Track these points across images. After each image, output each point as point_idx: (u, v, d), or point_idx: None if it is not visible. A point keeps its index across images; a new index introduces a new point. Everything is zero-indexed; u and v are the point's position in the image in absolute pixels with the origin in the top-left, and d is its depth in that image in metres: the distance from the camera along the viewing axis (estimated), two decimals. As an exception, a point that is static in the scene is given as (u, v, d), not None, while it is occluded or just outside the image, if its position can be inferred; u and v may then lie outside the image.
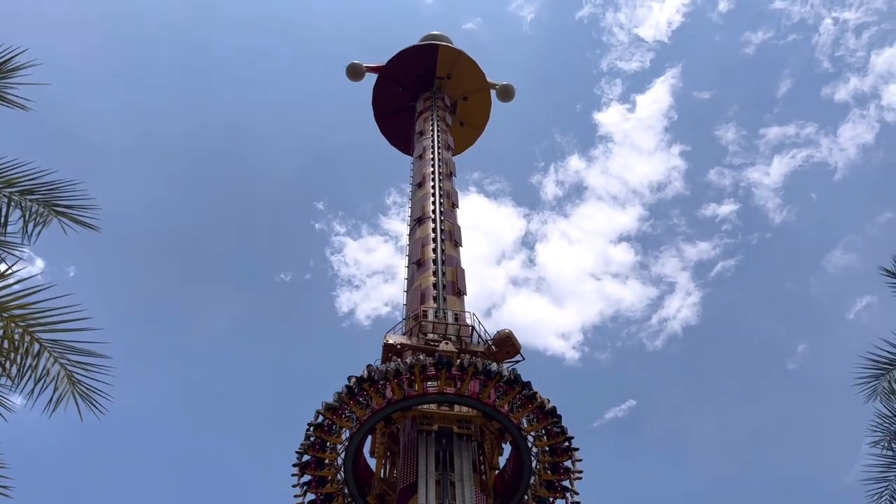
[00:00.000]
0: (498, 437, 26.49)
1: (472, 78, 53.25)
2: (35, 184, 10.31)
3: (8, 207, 10.12)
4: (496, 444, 26.66)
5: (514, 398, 25.64)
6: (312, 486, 25.72)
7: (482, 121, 54.84)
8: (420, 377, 25.15)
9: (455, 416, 25.85)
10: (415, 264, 36.55)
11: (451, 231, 38.43)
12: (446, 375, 25.19)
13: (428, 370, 25.34)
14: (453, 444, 25.42)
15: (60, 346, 9.79)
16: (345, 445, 25.73)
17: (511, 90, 55.26)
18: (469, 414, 25.89)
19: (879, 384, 15.12)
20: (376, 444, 26.35)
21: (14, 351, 9.35)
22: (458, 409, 26.04)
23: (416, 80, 52.63)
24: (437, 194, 40.65)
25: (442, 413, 25.84)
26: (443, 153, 44.73)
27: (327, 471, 25.74)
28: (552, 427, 25.80)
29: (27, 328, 9.65)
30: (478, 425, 26.34)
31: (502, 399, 25.47)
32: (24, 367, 9.49)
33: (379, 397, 25.29)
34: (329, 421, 25.45)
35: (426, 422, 25.71)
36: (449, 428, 25.61)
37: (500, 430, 26.02)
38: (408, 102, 52.53)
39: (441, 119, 48.47)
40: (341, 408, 25.47)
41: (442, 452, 25.13)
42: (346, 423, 25.62)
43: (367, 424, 25.51)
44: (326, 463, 25.73)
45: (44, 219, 10.26)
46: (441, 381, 25.13)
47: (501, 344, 29.34)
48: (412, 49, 53.10)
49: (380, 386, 25.39)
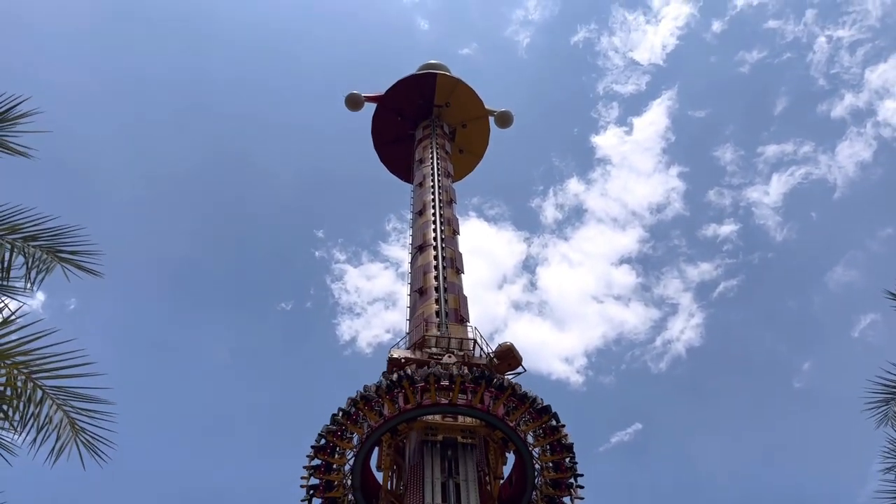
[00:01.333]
0: (501, 447, 27.12)
1: (471, 105, 53.65)
2: (39, 230, 10.33)
3: (11, 254, 10.12)
4: (500, 453, 27.26)
5: (525, 413, 26.34)
6: (319, 491, 26.32)
7: (481, 147, 55.15)
8: (434, 386, 25.92)
9: (459, 427, 26.64)
10: (417, 292, 36.53)
11: (452, 258, 38.46)
12: (459, 387, 25.92)
13: (441, 381, 26.11)
14: (458, 453, 26.20)
15: (64, 392, 9.72)
16: (354, 452, 26.52)
17: (509, 117, 55.61)
18: (473, 424, 26.68)
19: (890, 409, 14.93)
20: (383, 457, 26.90)
21: (17, 398, 9.28)
22: (462, 419, 26.79)
23: (414, 109, 53.02)
24: (438, 221, 40.75)
25: (447, 424, 26.64)
26: (443, 180, 44.90)
27: (335, 476, 26.43)
28: (556, 442, 26.43)
29: (30, 375, 9.59)
30: (481, 435, 27.03)
31: (513, 414, 26.22)
32: (27, 415, 9.41)
33: (392, 404, 26.12)
34: (341, 427, 26.31)
35: (431, 432, 26.48)
36: (453, 438, 26.41)
37: (504, 439, 26.71)
38: (407, 131, 52.87)
39: (440, 147, 48.74)
40: (354, 414, 26.33)
41: (447, 461, 25.90)
42: (358, 430, 26.45)
43: (377, 432, 26.18)
44: (335, 468, 26.43)
45: (47, 265, 10.26)
46: (455, 392, 25.89)
47: (503, 356, 30.01)
48: (410, 78, 53.58)
49: (395, 394, 26.24)
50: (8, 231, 10.18)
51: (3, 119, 9.28)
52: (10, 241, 10.12)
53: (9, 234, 10.15)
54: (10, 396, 9.33)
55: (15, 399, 9.34)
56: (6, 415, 9.52)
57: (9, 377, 9.43)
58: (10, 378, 9.47)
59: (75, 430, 9.79)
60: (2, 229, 10.24)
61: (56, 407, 9.71)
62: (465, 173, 55.11)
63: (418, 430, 26.64)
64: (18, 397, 9.39)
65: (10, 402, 9.38)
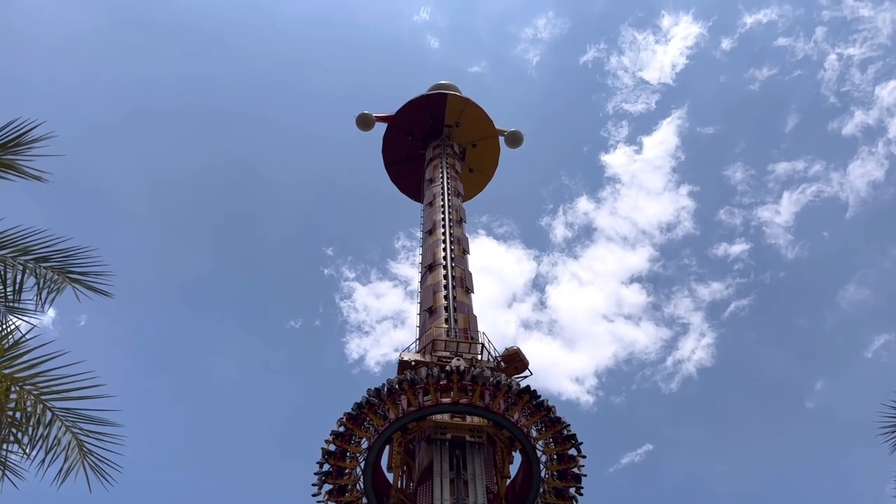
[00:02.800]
0: (508, 446, 28.05)
1: (481, 125, 53.87)
2: (50, 251, 10.43)
3: (23, 275, 10.22)
4: (507, 452, 28.23)
5: (524, 407, 27.24)
6: (333, 496, 26.93)
7: (491, 167, 55.30)
8: (434, 388, 26.76)
9: (467, 426, 27.51)
10: (426, 311, 36.51)
11: (462, 277, 38.45)
12: (458, 387, 26.70)
13: (440, 381, 26.92)
14: (466, 451, 27.08)
15: (73, 414, 9.75)
16: (364, 455, 27.25)
17: (519, 137, 55.81)
18: (480, 424, 27.50)
19: (904, 433, 14.74)
20: (393, 455, 27.79)
21: (26, 421, 9.31)
22: (470, 419, 27.68)
23: (425, 129, 53.31)
24: (448, 241, 40.80)
25: (455, 423, 27.53)
26: (453, 200, 45.03)
27: (347, 480, 27.08)
28: (559, 434, 27.22)
29: (39, 397, 9.63)
30: (489, 434, 27.78)
31: (512, 409, 27.02)
32: (36, 437, 9.43)
33: (395, 407, 26.85)
34: (349, 430, 27.04)
35: (440, 431, 27.42)
36: (461, 437, 27.29)
37: (510, 438, 27.57)
38: (417, 150, 53.14)
39: (450, 166, 48.91)
40: (361, 416, 27.06)
41: (455, 459, 26.78)
42: (365, 434, 27.20)
43: (386, 433, 26.94)
44: (346, 472, 27.05)
45: (58, 286, 10.35)
46: (454, 391, 26.68)
47: (510, 360, 31.09)
48: (421, 98, 53.90)
49: (397, 397, 27.01)
50: (20, 252, 10.29)
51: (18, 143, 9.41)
52: (22, 262, 10.23)
53: (21, 256, 10.25)
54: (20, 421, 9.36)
55: (24, 422, 9.37)
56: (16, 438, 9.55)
57: (19, 399, 9.47)
58: (20, 400, 9.51)
59: (83, 453, 9.81)
60: (14, 251, 10.35)
61: (65, 429, 9.74)
62: (475, 193, 55.24)
63: (427, 428, 27.56)
64: (28, 420, 9.42)
65: (20, 425, 9.42)
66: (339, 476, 26.93)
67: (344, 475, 26.98)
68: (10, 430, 9.28)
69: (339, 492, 26.99)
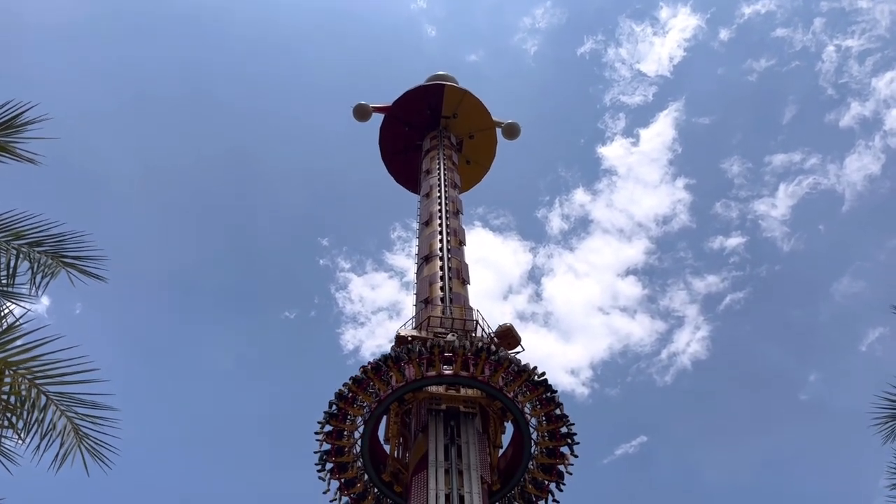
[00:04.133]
0: (500, 417, 29.25)
1: (478, 117, 53.76)
2: (43, 236, 10.37)
3: (17, 260, 10.16)
4: (499, 423, 29.44)
5: (522, 385, 28.31)
6: (332, 457, 28.50)
7: (488, 159, 55.22)
8: (439, 359, 28.07)
9: (462, 398, 28.68)
10: (423, 302, 36.57)
11: (458, 269, 38.50)
12: (461, 360, 27.91)
13: (445, 353, 28.22)
14: (460, 421, 28.24)
15: (67, 398, 9.72)
16: (364, 419, 28.72)
17: (516, 128, 55.71)
18: (474, 395, 28.69)
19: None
20: (390, 425, 28.99)
21: (21, 406, 9.28)
22: (465, 391, 28.85)
23: (422, 120, 53.18)
24: (445, 232, 40.81)
25: (449, 395, 28.72)
26: (450, 191, 45.00)
27: (346, 442, 28.60)
28: (552, 411, 28.44)
29: (34, 381, 9.60)
30: (482, 406, 29.00)
31: (510, 385, 28.14)
32: (31, 422, 9.40)
33: (400, 375, 28.16)
34: (352, 393, 28.42)
35: (435, 402, 28.62)
36: (456, 407, 28.46)
37: (502, 409, 28.80)
38: (414, 141, 53.02)
39: (447, 158, 48.84)
40: (365, 381, 28.44)
41: (450, 428, 27.99)
42: (367, 398, 28.55)
43: (387, 400, 28.20)
44: (345, 435, 28.57)
45: (52, 270, 10.29)
46: (457, 364, 27.96)
47: (503, 336, 31.85)
48: (418, 89, 53.76)
49: (401, 366, 28.34)
50: (13, 237, 10.22)
51: (10, 126, 9.34)
52: (15, 246, 10.16)
53: (14, 240, 10.19)
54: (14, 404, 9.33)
55: (19, 406, 9.34)
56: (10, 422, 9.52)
57: (13, 383, 9.44)
58: (14, 384, 9.48)
59: (79, 437, 9.78)
60: (7, 235, 10.29)
61: (60, 413, 9.71)
62: (472, 184, 55.17)
63: (423, 399, 28.66)
64: (22, 404, 9.39)
65: (15, 409, 9.39)
66: (338, 438, 28.47)
67: (343, 437, 28.54)
68: (5, 414, 9.25)
69: (338, 453, 28.60)
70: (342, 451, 28.60)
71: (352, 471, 28.94)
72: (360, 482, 29.09)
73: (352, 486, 28.98)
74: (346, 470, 28.89)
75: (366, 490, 29.26)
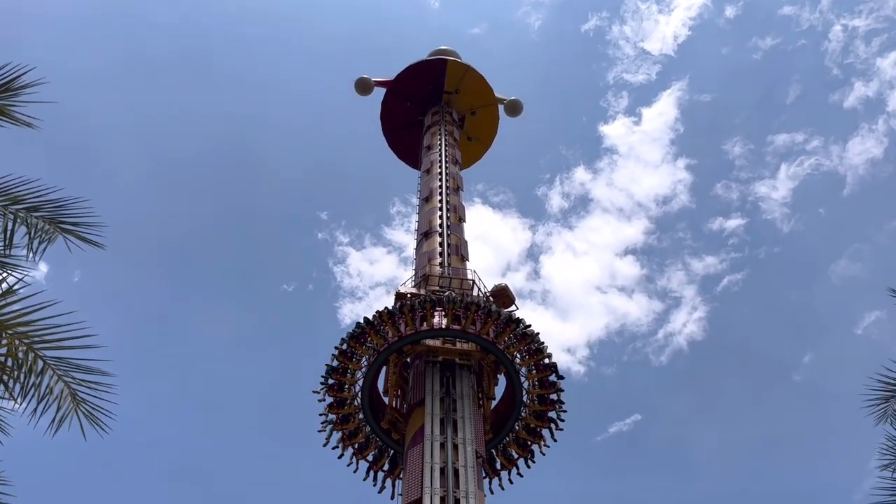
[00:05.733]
0: (494, 370, 30.79)
1: (481, 93, 53.36)
2: (41, 201, 10.32)
3: (14, 224, 10.13)
4: (492, 375, 30.93)
5: (510, 336, 29.97)
6: (334, 408, 30.36)
7: (490, 135, 54.92)
8: (432, 312, 29.68)
9: (457, 351, 30.07)
10: (422, 278, 36.66)
11: (457, 245, 38.60)
12: (451, 314, 29.45)
13: (436, 307, 29.87)
14: (455, 373, 29.63)
15: (65, 363, 9.75)
16: (363, 371, 30.41)
17: (519, 105, 55.34)
18: (469, 349, 30.06)
19: (890, 407, 14.86)
20: (389, 376, 30.61)
21: (17, 369, 9.31)
22: (460, 344, 30.25)
23: (424, 95, 52.80)
24: (445, 208, 40.78)
25: (445, 348, 30.12)
26: (450, 168, 44.85)
27: (346, 394, 30.33)
28: (541, 361, 30.03)
29: (31, 345, 9.62)
30: (476, 359, 30.35)
31: (500, 337, 29.73)
32: (28, 386, 9.44)
33: (395, 329, 29.71)
34: (351, 348, 30.12)
35: (432, 354, 29.99)
36: (451, 360, 29.87)
37: (496, 362, 30.39)
38: (416, 117, 52.68)
39: (449, 134, 48.59)
40: (364, 336, 30.08)
41: (445, 379, 29.39)
42: (365, 352, 30.26)
43: (386, 351, 29.73)
44: (346, 387, 30.21)
45: (49, 236, 10.26)
46: (448, 317, 29.49)
47: (498, 295, 33.17)
48: (421, 64, 53.30)
49: (397, 320, 29.91)
50: (10, 202, 10.18)
51: (7, 89, 9.25)
52: (12, 211, 10.13)
53: (11, 205, 10.15)
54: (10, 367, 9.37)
55: (16, 370, 9.37)
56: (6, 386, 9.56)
57: (10, 347, 9.46)
58: (11, 348, 9.51)
59: (76, 401, 9.84)
60: (4, 200, 10.24)
61: (57, 378, 9.75)
62: (473, 161, 54.91)
63: (421, 352, 30.11)
64: (19, 367, 9.42)
65: (11, 372, 9.43)
66: (339, 390, 30.21)
67: (344, 389, 30.28)
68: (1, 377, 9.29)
69: (339, 405, 30.41)
70: (343, 402, 30.33)
71: (353, 422, 30.71)
72: (361, 433, 30.98)
73: (354, 437, 30.89)
74: (348, 421, 30.68)
75: (367, 440, 31.15)
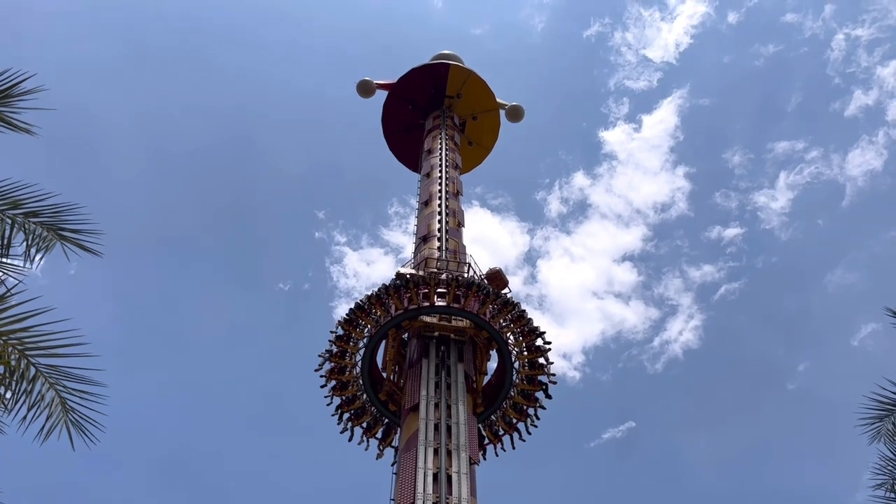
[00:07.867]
0: (486, 346, 32.69)
1: (482, 98, 53.33)
2: (40, 206, 10.29)
3: (12, 229, 10.10)
4: (485, 351, 32.80)
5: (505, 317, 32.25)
6: (334, 374, 32.17)
7: (491, 141, 54.91)
8: (433, 290, 31.58)
9: (452, 328, 31.80)
10: (421, 261, 36.92)
11: (455, 250, 38.57)
12: (454, 292, 31.40)
13: (440, 287, 31.83)
14: (450, 347, 31.37)
15: (57, 371, 9.71)
16: (365, 343, 32.41)
17: (520, 111, 55.32)
18: (464, 326, 31.88)
19: (884, 426, 14.85)
20: (388, 349, 32.66)
21: (9, 376, 9.28)
22: (455, 322, 31.94)
23: (426, 99, 52.75)
24: (444, 213, 40.74)
25: (442, 324, 31.81)
26: (450, 172, 44.82)
27: (347, 361, 32.32)
28: (525, 327, 32.29)
29: (24, 352, 9.59)
30: (470, 336, 32.05)
31: (495, 318, 31.96)
32: (19, 392, 9.40)
33: (399, 302, 31.69)
34: (356, 317, 32.16)
35: (429, 330, 31.67)
36: (447, 335, 31.57)
37: (488, 339, 32.24)
38: (417, 120, 52.64)
39: (450, 138, 48.56)
40: (368, 307, 32.14)
41: (441, 354, 31.15)
42: (369, 321, 32.30)
43: (386, 325, 31.77)
44: (348, 355, 32.19)
45: (47, 243, 10.23)
46: (449, 296, 31.44)
47: (492, 278, 34.60)
48: (423, 67, 53.27)
49: (401, 294, 31.85)
50: (9, 206, 10.15)
51: (7, 95, 9.22)
52: (10, 216, 10.09)
53: (10, 210, 10.11)
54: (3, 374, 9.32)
55: (7, 376, 9.33)
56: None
57: (2, 353, 9.43)
58: (4, 354, 9.47)
59: (66, 410, 9.79)
60: (4, 204, 10.21)
61: (48, 385, 9.71)
62: (474, 166, 54.90)
63: (418, 327, 31.79)
64: (11, 374, 9.39)
65: (3, 378, 9.39)
66: (341, 357, 32.15)
67: (346, 357, 32.23)
68: (-6, 384, 9.25)
69: (340, 371, 32.36)
70: (344, 370, 32.30)
71: (352, 388, 32.68)
72: (359, 400, 32.91)
73: (351, 403, 32.85)
74: (347, 387, 32.61)
75: (364, 408, 33.08)
